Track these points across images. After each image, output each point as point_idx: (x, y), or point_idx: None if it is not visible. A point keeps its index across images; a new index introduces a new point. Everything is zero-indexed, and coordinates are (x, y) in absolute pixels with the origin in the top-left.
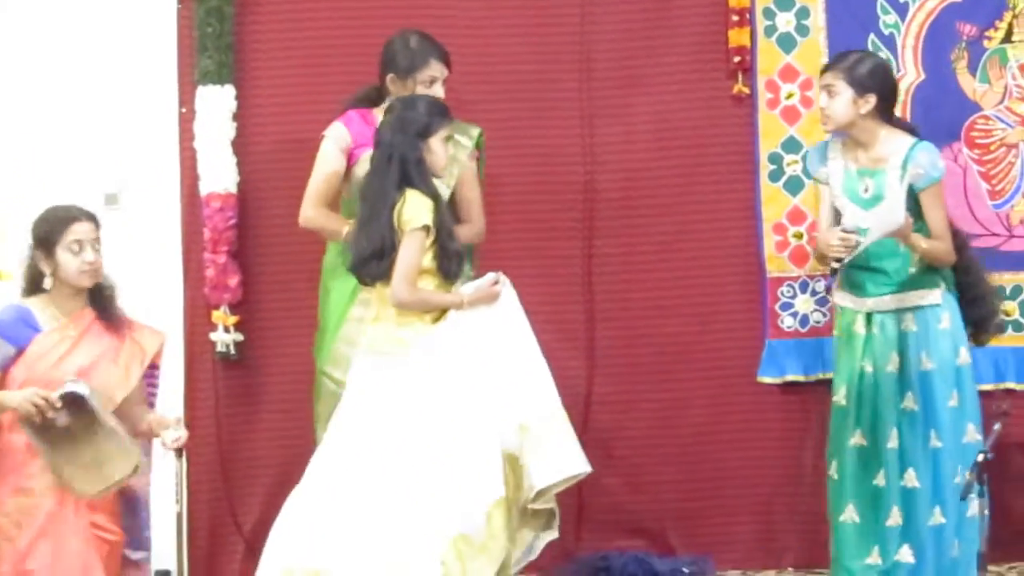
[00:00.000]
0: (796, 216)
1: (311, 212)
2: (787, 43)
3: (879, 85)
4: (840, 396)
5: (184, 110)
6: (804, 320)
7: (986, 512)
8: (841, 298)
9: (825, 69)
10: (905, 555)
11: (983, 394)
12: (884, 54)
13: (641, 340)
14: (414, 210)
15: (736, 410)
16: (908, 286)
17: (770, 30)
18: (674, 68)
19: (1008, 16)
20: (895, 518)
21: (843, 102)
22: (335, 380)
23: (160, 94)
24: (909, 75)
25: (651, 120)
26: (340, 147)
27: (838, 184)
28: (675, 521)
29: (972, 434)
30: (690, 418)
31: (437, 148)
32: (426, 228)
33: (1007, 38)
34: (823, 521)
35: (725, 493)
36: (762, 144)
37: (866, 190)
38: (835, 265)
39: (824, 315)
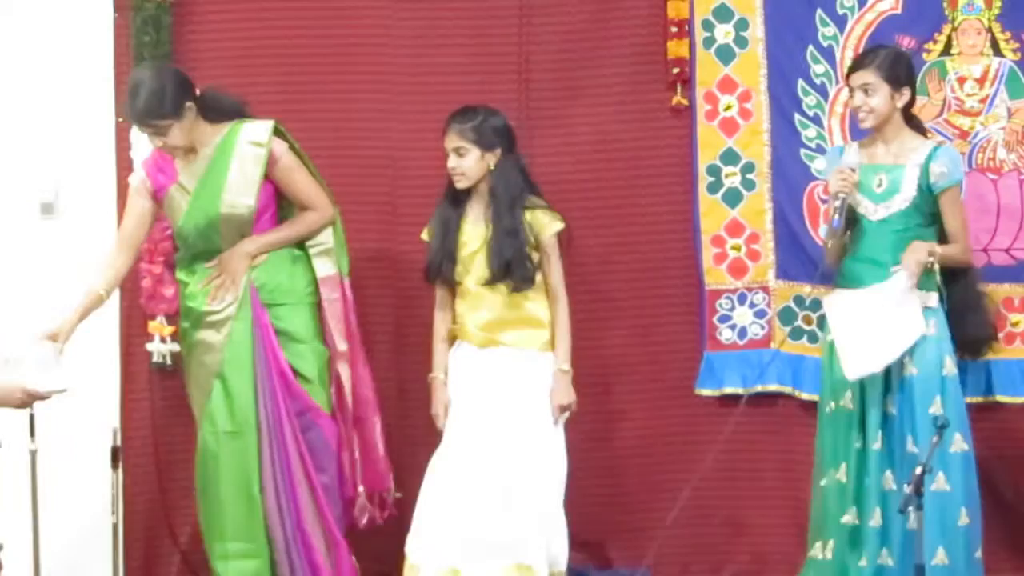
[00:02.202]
0: (734, 228)
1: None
2: (726, 55)
3: (911, 78)
4: (847, 400)
5: (121, 119)
6: (742, 332)
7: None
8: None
9: (856, 68)
10: (884, 558)
11: None
12: (823, 67)
13: (579, 352)
14: None
15: (674, 422)
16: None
17: (709, 42)
18: (613, 80)
19: (947, 29)
20: (876, 519)
21: (883, 98)
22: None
23: (97, 103)
24: None
25: (589, 132)
26: (145, 191)
27: None
28: (613, 534)
29: (959, 443)
30: (628, 430)
31: None
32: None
33: (946, 51)
34: (763, 532)
35: (663, 505)
36: (700, 156)
37: (879, 184)
38: (836, 204)
39: (762, 327)
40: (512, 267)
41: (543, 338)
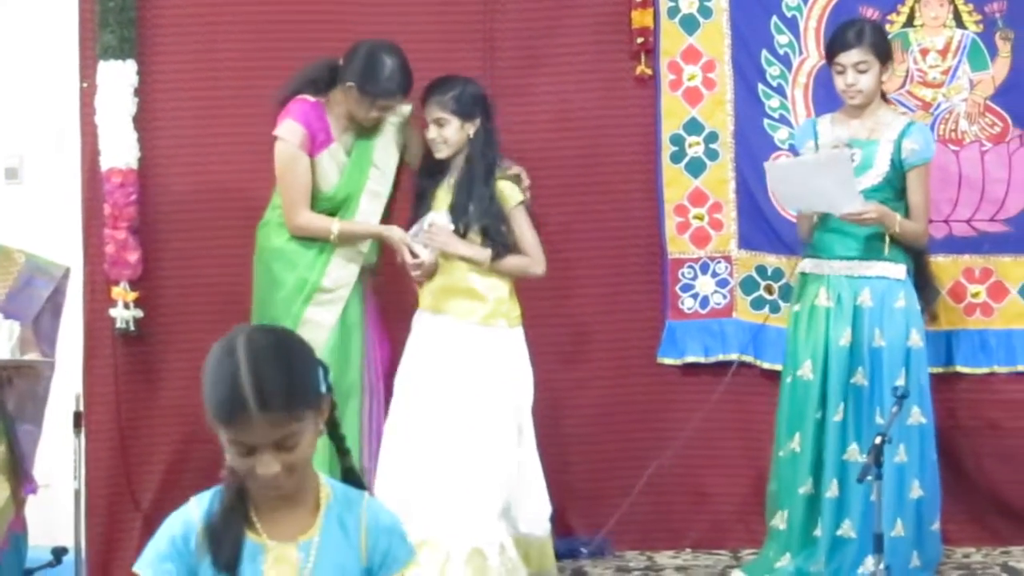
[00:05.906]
0: (697, 197)
1: (304, 219)
2: (690, 25)
3: (892, 53)
4: (805, 370)
5: (86, 85)
6: (704, 301)
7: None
8: (803, 265)
9: (847, 46)
10: (847, 529)
11: None
12: (786, 37)
13: (541, 321)
14: None
15: (636, 391)
16: (874, 254)
17: (673, 11)
18: (577, 49)
19: (910, 0)
20: (832, 490)
21: (873, 76)
22: None
23: (61, 69)
24: (812, 58)
25: (553, 101)
26: (304, 148)
27: None
28: (573, 501)
29: (917, 416)
30: (590, 398)
31: None
32: None
33: (909, 22)
34: (723, 501)
35: (624, 474)
36: (664, 125)
37: (853, 158)
38: None
39: (724, 297)
40: (490, 233)
41: (482, 311)
